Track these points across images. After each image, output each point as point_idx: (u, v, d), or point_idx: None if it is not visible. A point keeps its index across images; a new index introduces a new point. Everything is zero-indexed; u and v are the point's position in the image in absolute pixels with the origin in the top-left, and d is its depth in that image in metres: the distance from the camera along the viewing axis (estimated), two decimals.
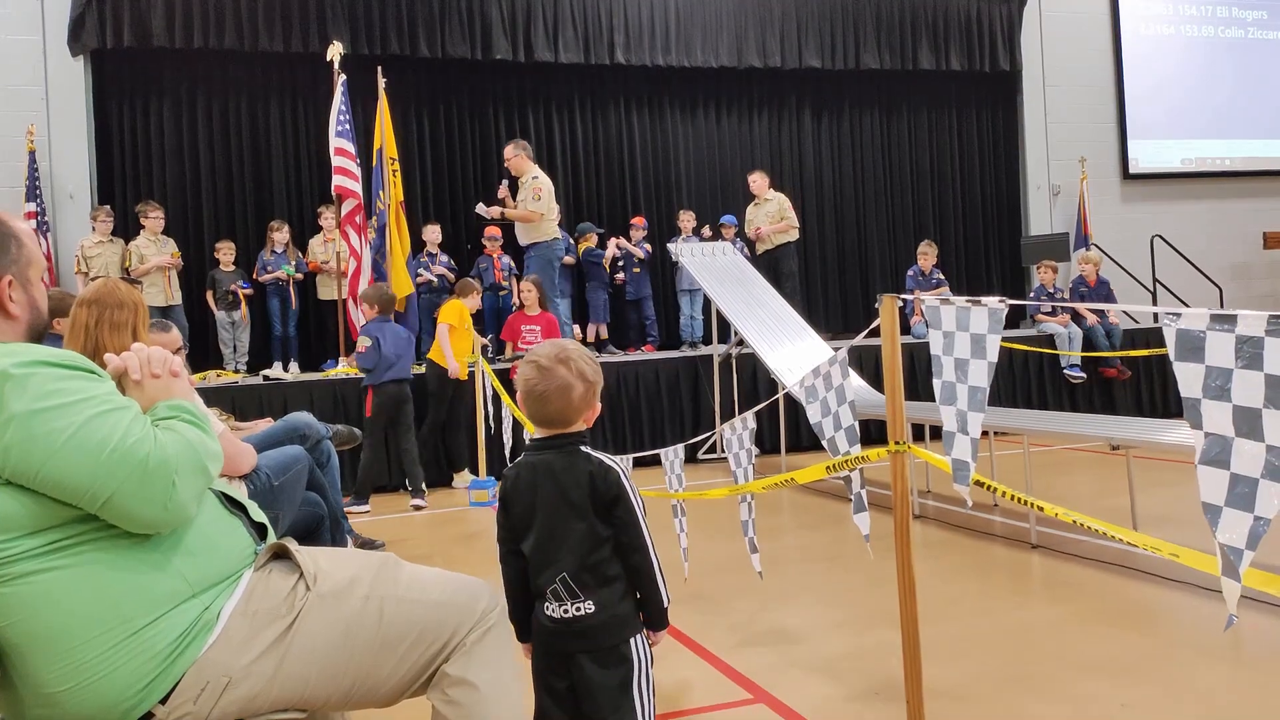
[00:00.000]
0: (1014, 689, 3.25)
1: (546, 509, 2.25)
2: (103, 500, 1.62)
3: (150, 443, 1.67)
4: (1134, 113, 13.05)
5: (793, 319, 8.13)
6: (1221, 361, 1.73)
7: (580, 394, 2.29)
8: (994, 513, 5.93)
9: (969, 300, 2.27)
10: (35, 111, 9.54)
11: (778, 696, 3.28)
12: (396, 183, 8.88)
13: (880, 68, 12.16)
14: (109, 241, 8.99)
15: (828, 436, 2.79)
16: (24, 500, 1.60)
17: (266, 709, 1.79)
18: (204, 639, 1.72)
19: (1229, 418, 1.72)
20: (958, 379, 2.32)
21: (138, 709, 1.67)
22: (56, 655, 1.63)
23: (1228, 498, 1.73)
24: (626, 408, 8.60)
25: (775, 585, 4.63)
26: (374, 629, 1.87)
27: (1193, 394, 1.77)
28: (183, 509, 1.70)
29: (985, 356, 2.24)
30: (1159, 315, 1.83)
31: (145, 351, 1.91)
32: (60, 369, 1.66)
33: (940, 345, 2.36)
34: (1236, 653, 3.56)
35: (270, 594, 1.82)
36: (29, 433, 1.58)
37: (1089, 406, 9.62)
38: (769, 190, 10.15)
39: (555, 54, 10.95)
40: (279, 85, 10.60)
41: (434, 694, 1.94)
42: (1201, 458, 1.76)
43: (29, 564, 1.61)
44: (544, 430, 2.33)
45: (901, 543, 2.58)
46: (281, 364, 9.32)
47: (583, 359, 2.33)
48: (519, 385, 2.35)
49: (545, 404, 2.29)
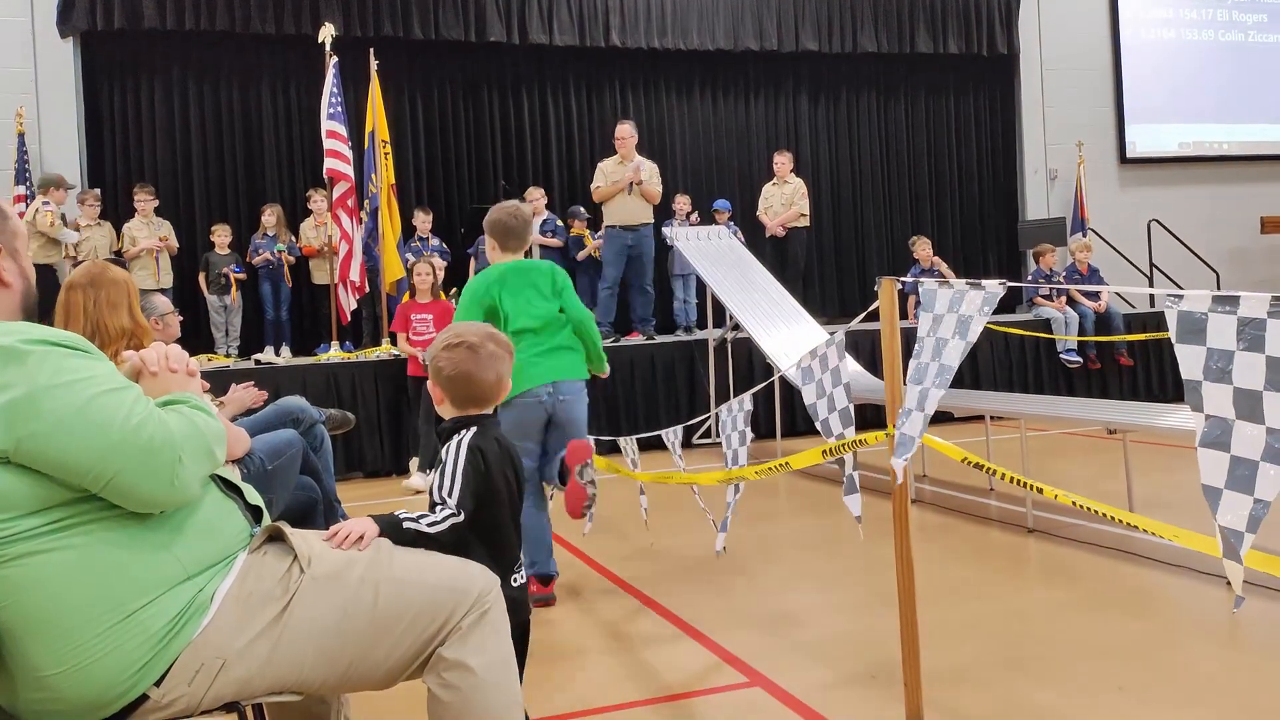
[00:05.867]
0: (1011, 672, 3.25)
1: (511, 483, 2.37)
2: (108, 479, 1.61)
3: (155, 422, 1.66)
4: (1132, 97, 13.02)
5: (789, 303, 8.11)
6: (1223, 343, 1.72)
7: (507, 369, 2.42)
8: (989, 497, 5.93)
9: (968, 282, 2.26)
10: (25, 93, 9.46)
11: (774, 679, 3.28)
12: (388, 166, 8.84)
13: (877, 50, 12.10)
14: (97, 225, 8.93)
15: (821, 418, 2.78)
16: (26, 479, 1.59)
17: (262, 691, 1.79)
18: (198, 621, 1.71)
19: (1230, 400, 1.71)
20: (932, 358, 2.30)
21: (132, 691, 1.66)
22: (51, 638, 1.62)
23: (1228, 480, 1.71)
24: (621, 393, 8.58)
25: (771, 569, 4.63)
26: (369, 612, 1.87)
27: (1194, 376, 1.75)
28: (187, 488, 1.70)
29: (966, 337, 2.22)
30: (1160, 297, 1.82)
31: (162, 347, 1.95)
32: (63, 348, 1.65)
33: (927, 328, 2.35)
34: (1233, 636, 3.57)
35: (264, 576, 1.82)
36: (34, 410, 1.57)
37: (1085, 391, 9.62)
38: (790, 174, 10.10)
39: (550, 36, 10.88)
40: (270, 67, 10.53)
41: (430, 677, 1.94)
42: (1202, 440, 1.75)
43: (28, 544, 1.60)
44: (470, 409, 2.39)
45: (900, 526, 2.58)
46: (273, 348, 9.28)
47: (501, 334, 2.46)
48: (444, 367, 2.38)
49: (477, 384, 2.37)
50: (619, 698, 3.22)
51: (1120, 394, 9.73)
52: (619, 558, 4.98)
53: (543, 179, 11.06)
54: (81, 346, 1.70)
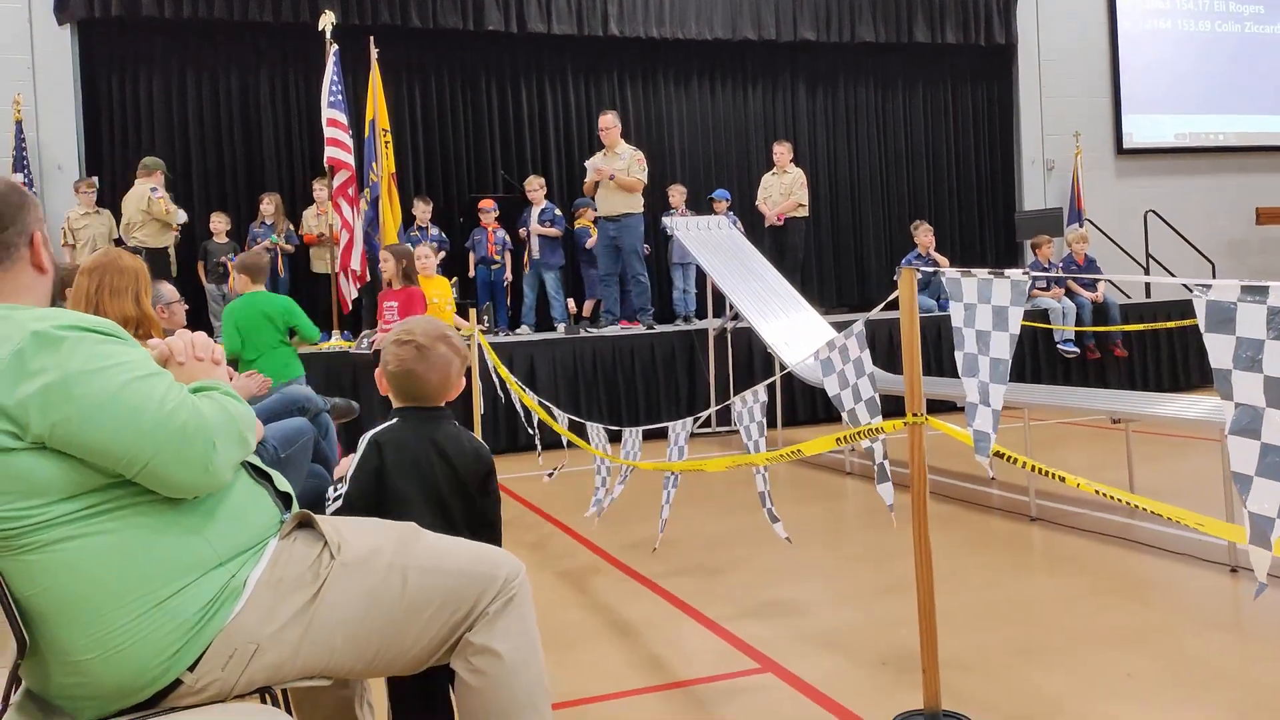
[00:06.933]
0: (1021, 659, 3.27)
1: (437, 483, 2.31)
2: (142, 464, 1.61)
3: (189, 408, 1.66)
4: (1129, 87, 13.04)
5: (788, 293, 8.11)
6: (1253, 332, 1.73)
7: (457, 370, 2.40)
8: (992, 486, 5.96)
9: (991, 271, 2.26)
10: (22, 81, 9.41)
11: (786, 666, 3.30)
12: (389, 155, 8.82)
13: (875, 40, 12.10)
14: (95, 213, 8.90)
15: (848, 409, 2.79)
16: (61, 465, 1.59)
17: (294, 676, 1.79)
18: (231, 607, 1.71)
19: (1260, 388, 1.72)
20: (979, 351, 2.31)
21: (166, 676, 1.67)
22: (85, 623, 1.61)
23: (1259, 467, 1.73)
24: (622, 382, 8.58)
25: (776, 558, 4.64)
26: (397, 598, 1.87)
27: (1223, 365, 1.77)
28: (221, 473, 1.70)
29: (1007, 329, 2.24)
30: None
31: (189, 335, 1.94)
32: (96, 334, 1.65)
33: (961, 318, 2.36)
34: (1239, 624, 3.59)
35: (295, 562, 1.82)
36: (68, 395, 1.57)
37: (1081, 381, 9.66)
38: (790, 164, 10.10)
39: (548, 25, 10.86)
40: (269, 56, 10.49)
41: (458, 662, 1.95)
42: (1231, 427, 1.76)
43: (62, 529, 1.60)
44: (410, 404, 2.39)
45: (919, 514, 2.59)
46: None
47: (456, 336, 2.44)
48: (390, 362, 2.37)
49: (423, 383, 2.36)
50: (630, 684, 3.23)
51: (1118, 384, 9.76)
52: (625, 546, 4.99)
53: (541, 168, 11.05)
54: (115, 333, 1.69)
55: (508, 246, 9.87)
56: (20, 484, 1.57)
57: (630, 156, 8.95)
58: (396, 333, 2.41)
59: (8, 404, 1.54)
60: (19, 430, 1.55)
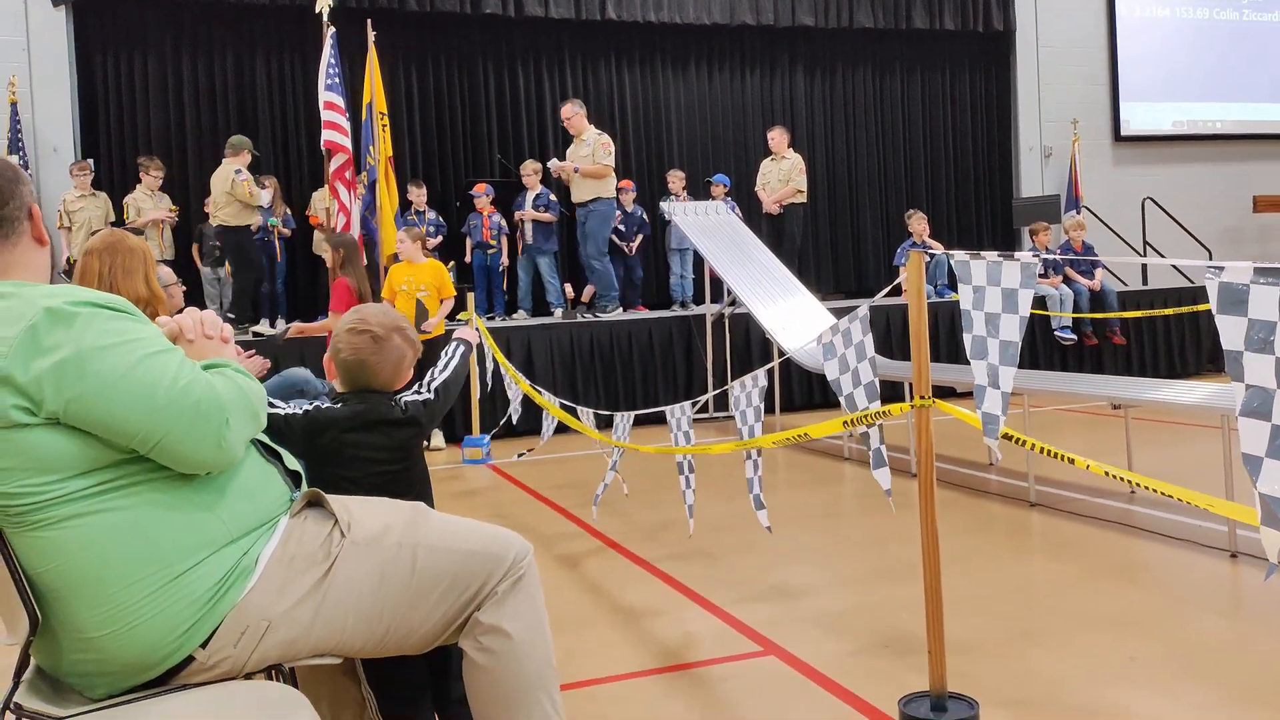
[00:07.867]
0: (1022, 643, 3.28)
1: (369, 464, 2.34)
2: (156, 440, 1.61)
3: (202, 385, 1.66)
4: (1126, 75, 13.03)
5: (786, 277, 8.11)
6: (1265, 314, 1.74)
7: (409, 363, 2.42)
8: (990, 471, 5.97)
9: (1000, 255, 2.27)
10: (17, 63, 9.35)
11: (788, 649, 3.31)
12: (386, 138, 8.77)
13: (873, 26, 12.07)
14: (91, 195, 8.86)
15: (845, 393, 2.79)
16: (74, 441, 1.58)
17: (306, 653, 1.79)
18: (243, 584, 1.71)
19: (1271, 370, 1.73)
20: (988, 333, 2.32)
21: (178, 653, 1.66)
22: (98, 599, 1.61)
23: (1269, 449, 1.74)
24: (620, 367, 8.58)
25: (776, 542, 4.65)
26: (407, 577, 1.88)
27: (1235, 346, 1.77)
28: (234, 449, 1.70)
29: (1017, 311, 2.24)
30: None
31: (198, 314, 1.93)
32: (108, 310, 1.64)
33: (970, 300, 2.36)
34: (1239, 608, 3.61)
35: (307, 540, 1.82)
36: (83, 371, 1.56)
37: (1078, 368, 9.68)
38: (788, 149, 10.07)
39: (546, 9, 10.81)
40: (266, 38, 10.43)
41: (467, 641, 1.97)
42: (1242, 409, 1.77)
43: (76, 505, 1.59)
44: (353, 389, 2.41)
45: (926, 498, 2.59)
46: (269, 320, 9.24)
47: (411, 328, 2.45)
48: (343, 350, 2.36)
49: (374, 373, 2.36)
50: (633, 666, 3.24)
51: (1115, 371, 9.79)
52: (626, 530, 5.00)
53: (538, 152, 10.99)
54: (126, 309, 1.69)
55: (504, 231, 9.84)
56: (33, 460, 1.56)
57: (594, 142, 8.90)
58: (351, 320, 2.38)
59: (22, 380, 1.53)
60: (33, 406, 1.55)
